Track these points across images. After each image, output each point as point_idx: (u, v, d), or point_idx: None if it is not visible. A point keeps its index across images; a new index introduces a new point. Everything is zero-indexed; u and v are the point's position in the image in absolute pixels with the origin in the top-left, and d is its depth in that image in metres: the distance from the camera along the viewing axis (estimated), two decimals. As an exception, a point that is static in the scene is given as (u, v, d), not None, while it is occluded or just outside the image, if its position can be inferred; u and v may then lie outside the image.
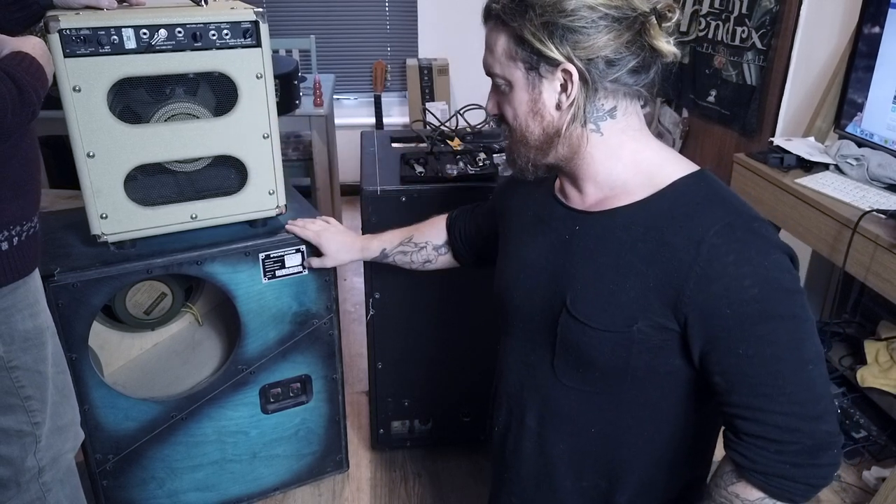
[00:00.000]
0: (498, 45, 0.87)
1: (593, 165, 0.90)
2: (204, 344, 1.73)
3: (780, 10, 2.50)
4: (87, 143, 1.29)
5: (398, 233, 1.40)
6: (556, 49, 0.82)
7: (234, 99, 1.38)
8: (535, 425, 1.01)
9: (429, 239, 1.36)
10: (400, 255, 1.38)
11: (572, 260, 0.91)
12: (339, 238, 1.48)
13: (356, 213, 2.21)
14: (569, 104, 0.85)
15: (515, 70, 0.87)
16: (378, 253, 1.41)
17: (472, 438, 2.00)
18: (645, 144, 0.89)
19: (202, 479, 1.69)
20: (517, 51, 0.85)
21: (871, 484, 1.87)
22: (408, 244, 1.37)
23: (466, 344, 1.84)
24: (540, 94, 0.86)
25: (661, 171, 0.87)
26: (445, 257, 1.36)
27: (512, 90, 0.88)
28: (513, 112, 0.90)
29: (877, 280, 1.64)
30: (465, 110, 1.93)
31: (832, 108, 2.10)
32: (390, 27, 3.84)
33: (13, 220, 1.11)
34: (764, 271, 0.79)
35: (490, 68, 0.90)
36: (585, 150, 0.89)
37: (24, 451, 1.21)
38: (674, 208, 0.84)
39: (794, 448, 0.79)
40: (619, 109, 0.87)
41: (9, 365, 1.15)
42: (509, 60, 0.87)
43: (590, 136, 0.88)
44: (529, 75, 0.86)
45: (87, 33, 1.22)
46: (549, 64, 0.84)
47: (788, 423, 0.79)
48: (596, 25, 0.81)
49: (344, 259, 1.48)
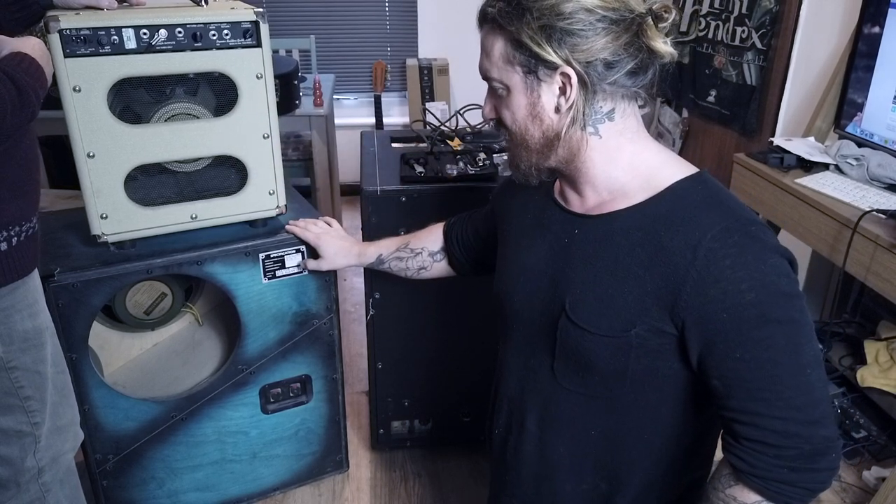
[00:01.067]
0: (495, 49, 0.86)
1: (592, 169, 0.89)
2: (204, 344, 1.73)
3: (780, 10, 2.50)
4: (88, 143, 1.29)
5: (395, 240, 1.40)
6: (555, 52, 0.82)
7: (234, 99, 1.38)
8: (535, 428, 1.01)
9: (425, 245, 1.35)
10: (395, 262, 1.38)
11: (571, 264, 0.91)
12: (337, 242, 1.48)
13: (356, 213, 2.21)
14: (568, 107, 0.85)
15: (513, 74, 0.86)
16: (374, 259, 1.40)
17: (472, 438, 2.00)
18: (643, 146, 0.89)
19: (202, 479, 1.69)
20: (515, 55, 0.85)
21: (871, 484, 1.87)
22: (404, 250, 1.37)
23: (466, 344, 1.84)
24: (539, 97, 0.86)
25: (660, 174, 0.87)
26: (441, 265, 1.35)
27: (510, 94, 0.88)
28: (511, 116, 0.90)
29: (877, 280, 1.64)
30: (465, 110, 1.93)
31: (832, 108, 2.10)
32: (390, 27, 3.84)
33: (12, 221, 1.11)
34: (761, 275, 0.78)
35: (487, 72, 0.89)
36: (584, 153, 0.89)
37: (24, 452, 1.21)
38: (671, 212, 0.84)
39: (793, 453, 0.79)
40: (618, 111, 0.87)
41: (8, 365, 1.15)
42: (507, 64, 0.86)
43: (589, 138, 0.87)
44: (528, 79, 0.86)
45: (88, 33, 1.22)
46: (548, 67, 0.83)
47: (787, 428, 0.79)
48: (594, 28, 0.80)
49: (341, 263, 1.48)
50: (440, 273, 1.36)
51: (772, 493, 0.81)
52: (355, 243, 1.47)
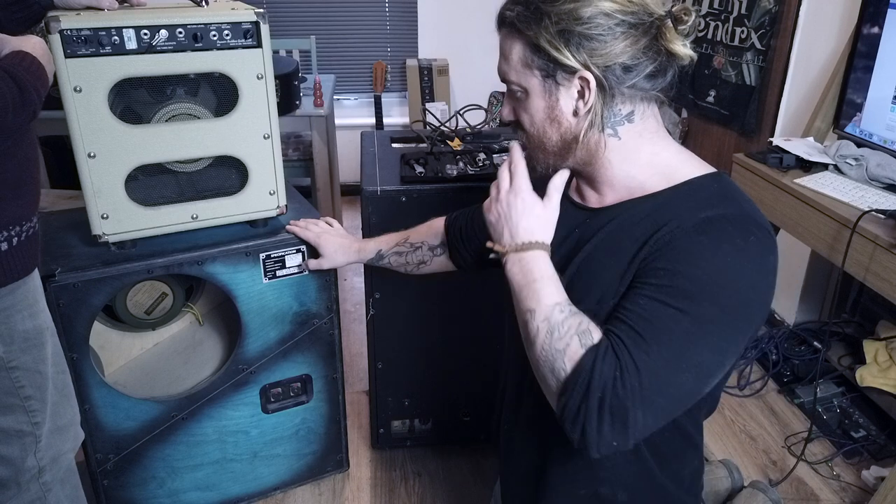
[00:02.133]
0: (513, 52, 0.86)
1: (610, 169, 0.89)
2: (204, 344, 1.73)
3: (780, 10, 2.51)
4: (88, 143, 1.29)
5: (395, 235, 1.40)
6: (573, 57, 0.81)
7: (234, 99, 1.38)
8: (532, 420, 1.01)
9: (425, 239, 1.35)
10: (395, 256, 1.38)
11: (575, 249, 0.92)
12: (337, 240, 1.48)
13: (356, 213, 2.22)
14: (586, 111, 0.85)
15: (531, 77, 0.86)
16: (374, 254, 1.41)
17: (472, 438, 2.01)
18: (663, 146, 0.89)
19: (202, 479, 1.69)
20: (533, 59, 0.84)
21: (871, 483, 1.88)
22: (403, 245, 1.37)
23: (466, 343, 1.84)
24: (557, 100, 0.86)
25: (679, 172, 0.87)
26: (441, 259, 1.35)
27: (528, 97, 0.88)
28: (529, 118, 0.89)
29: (876, 280, 1.64)
30: (465, 110, 1.93)
31: (831, 109, 2.10)
32: (390, 27, 3.84)
33: (13, 221, 1.11)
34: (725, 265, 0.76)
35: (505, 75, 0.89)
36: (603, 155, 0.89)
37: (25, 451, 1.21)
38: (683, 202, 0.84)
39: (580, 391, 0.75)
40: (637, 113, 0.87)
41: (9, 365, 1.15)
42: (525, 68, 0.86)
43: (607, 140, 0.87)
44: (546, 83, 0.85)
45: (88, 34, 1.22)
46: (566, 71, 0.83)
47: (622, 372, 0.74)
48: (612, 32, 0.80)
49: (341, 261, 1.49)
50: (440, 268, 1.36)
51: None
52: (355, 240, 1.48)
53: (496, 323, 1.78)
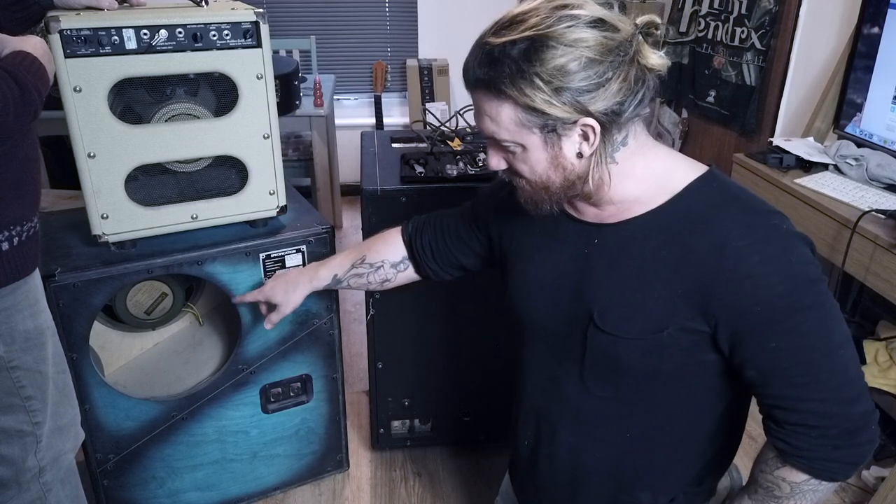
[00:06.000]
0: (502, 114, 0.83)
1: (611, 191, 0.90)
2: (204, 344, 1.73)
3: (780, 10, 2.51)
4: (88, 143, 1.29)
5: (348, 255, 1.30)
6: (573, 110, 0.80)
7: (234, 99, 1.38)
8: (569, 437, 1.01)
9: (385, 258, 1.27)
10: (355, 279, 1.29)
11: (594, 273, 0.92)
12: (282, 284, 1.34)
13: (356, 213, 2.22)
14: (591, 152, 0.85)
15: (530, 135, 0.84)
16: (330, 280, 1.30)
17: (472, 438, 2.01)
18: (653, 156, 0.90)
19: (202, 479, 1.69)
20: (529, 119, 0.82)
21: (871, 483, 1.87)
22: (361, 265, 1.28)
23: (466, 344, 1.84)
24: (560, 149, 0.85)
25: (672, 178, 0.88)
26: (405, 274, 1.27)
27: (526, 151, 0.86)
28: (530, 169, 0.88)
29: (876, 280, 1.64)
30: (465, 110, 1.93)
31: (831, 109, 2.10)
32: (390, 27, 3.84)
33: (13, 221, 1.11)
34: (788, 266, 0.81)
35: (494, 135, 0.86)
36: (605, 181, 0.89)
37: (25, 451, 1.21)
38: (690, 214, 0.85)
39: (834, 432, 0.83)
40: (630, 135, 0.87)
41: (9, 365, 1.15)
42: (520, 128, 0.83)
43: (609, 168, 0.87)
44: (547, 137, 0.84)
45: (88, 34, 1.22)
46: (567, 122, 0.82)
47: (826, 409, 0.82)
48: (605, 76, 0.79)
49: (297, 300, 1.34)
50: (406, 281, 1.29)
51: (818, 470, 0.85)
52: (303, 271, 1.34)
53: (496, 323, 1.78)
